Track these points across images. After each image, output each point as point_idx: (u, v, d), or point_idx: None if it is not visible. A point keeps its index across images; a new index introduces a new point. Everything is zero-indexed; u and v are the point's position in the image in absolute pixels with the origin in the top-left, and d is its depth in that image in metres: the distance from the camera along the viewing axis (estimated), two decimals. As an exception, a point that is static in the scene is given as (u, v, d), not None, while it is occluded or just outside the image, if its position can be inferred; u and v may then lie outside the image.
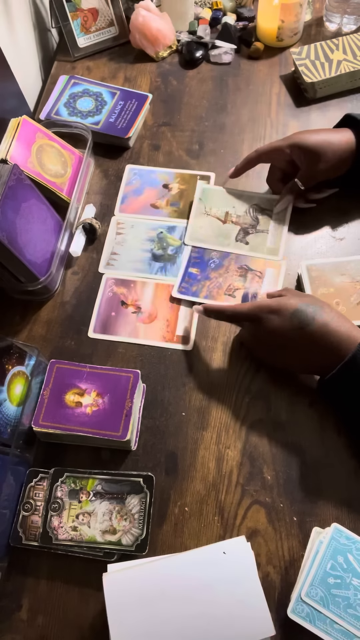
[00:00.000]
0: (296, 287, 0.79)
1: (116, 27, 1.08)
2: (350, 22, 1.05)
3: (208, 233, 0.84)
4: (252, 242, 0.83)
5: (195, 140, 0.96)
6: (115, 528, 0.60)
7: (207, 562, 0.54)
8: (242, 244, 0.83)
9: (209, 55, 1.06)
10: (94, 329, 0.78)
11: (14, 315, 0.80)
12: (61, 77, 1.02)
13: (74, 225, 0.84)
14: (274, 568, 0.61)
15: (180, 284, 0.80)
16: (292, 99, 1.00)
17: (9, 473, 0.61)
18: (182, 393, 0.72)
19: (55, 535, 0.60)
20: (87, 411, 0.66)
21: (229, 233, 0.84)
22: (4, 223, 0.67)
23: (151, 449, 0.68)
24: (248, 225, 0.85)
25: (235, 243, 0.83)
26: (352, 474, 0.65)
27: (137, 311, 0.79)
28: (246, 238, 0.83)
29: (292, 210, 0.85)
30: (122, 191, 0.91)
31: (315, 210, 0.85)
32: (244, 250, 0.82)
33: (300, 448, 0.67)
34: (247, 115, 0.98)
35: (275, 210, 0.76)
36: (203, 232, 0.85)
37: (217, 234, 0.84)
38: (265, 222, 0.85)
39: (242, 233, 0.84)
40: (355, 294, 0.73)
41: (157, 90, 1.03)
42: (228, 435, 0.69)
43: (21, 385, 0.66)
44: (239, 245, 0.83)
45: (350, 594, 0.55)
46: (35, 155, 0.82)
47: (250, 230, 0.84)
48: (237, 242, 0.83)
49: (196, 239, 0.84)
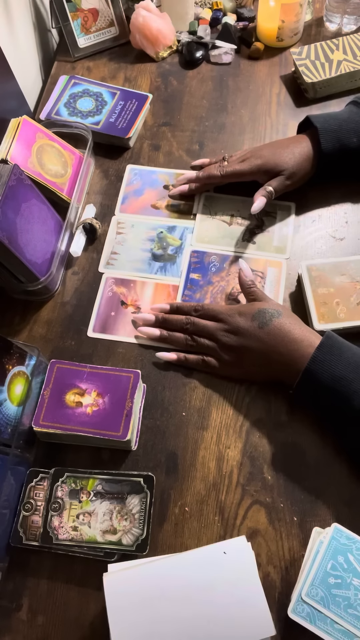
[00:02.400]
0: (296, 287, 0.79)
1: (116, 27, 1.08)
2: (350, 22, 1.05)
3: (215, 235, 0.85)
4: (259, 241, 0.83)
5: (196, 141, 0.96)
6: (115, 528, 0.60)
7: (207, 562, 0.54)
8: (249, 243, 0.83)
9: (209, 55, 1.06)
10: (93, 329, 0.78)
11: (14, 315, 0.80)
12: (61, 77, 1.02)
13: (74, 225, 0.84)
14: (275, 568, 0.61)
15: (183, 292, 0.80)
16: (292, 99, 1.00)
17: (9, 473, 0.61)
18: (182, 393, 0.72)
19: (56, 535, 0.60)
20: (88, 411, 0.66)
21: (235, 234, 0.84)
22: (4, 223, 0.67)
23: (151, 449, 0.68)
24: (254, 226, 0.85)
25: (242, 243, 0.83)
26: (352, 474, 0.65)
27: (136, 311, 0.79)
28: (253, 238, 0.84)
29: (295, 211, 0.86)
30: (123, 191, 0.91)
31: (315, 210, 0.86)
32: (251, 249, 0.83)
33: (300, 448, 0.67)
34: (248, 115, 0.98)
35: (252, 211, 0.79)
36: (209, 234, 0.85)
37: (223, 235, 0.84)
38: (271, 223, 0.85)
39: (249, 233, 0.84)
40: (355, 294, 0.73)
41: (157, 91, 1.03)
42: (228, 435, 0.69)
43: (21, 385, 0.66)
44: (245, 245, 0.83)
45: (350, 594, 0.55)
46: (35, 155, 0.82)
47: (257, 230, 0.84)
48: (244, 242, 0.83)
49: (202, 241, 0.84)
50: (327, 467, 0.66)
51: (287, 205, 0.86)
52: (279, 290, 0.79)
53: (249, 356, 0.68)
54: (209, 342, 0.71)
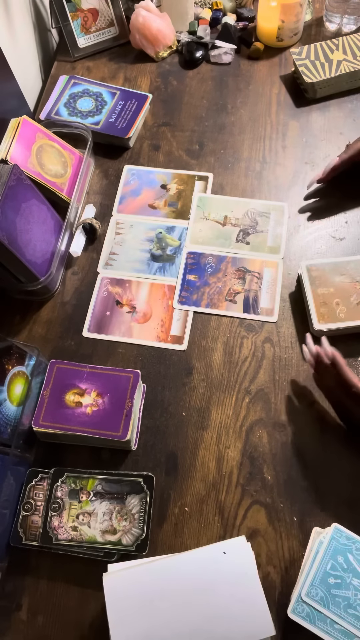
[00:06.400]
0: (296, 287, 0.79)
1: (116, 27, 1.08)
2: (350, 22, 1.05)
3: (208, 235, 0.84)
4: (253, 242, 0.83)
5: (196, 141, 0.96)
6: (115, 528, 0.60)
7: (207, 562, 0.54)
8: (243, 244, 0.83)
9: (209, 55, 1.06)
10: (88, 329, 0.78)
11: (14, 315, 0.80)
12: (61, 77, 1.02)
13: (74, 226, 0.84)
14: (274, 568, 0.61)
15: (180, 294, 0.80)
16: (292, 99, 1.00)
17: (9, 473, 0.61)
18: (182, 393, 0.72)
19: (56, 535, 0.60)
20: (87, 411, 0.66)
21: (229, 235, 0.84)
22: (4, 223, 0.67)
23: (151, 449, 0.68)
24: (247, 226, 0.85)
25: (236, 243, 0.83)
26: (352, 474, 0.65)
27: (131, 311, 0.79)
28: (247, 238, 0.83)
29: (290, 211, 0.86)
30: (120, 192, 0.91)
31: (315, 210, 0.86)
32: (245, 250, 0.83)
33: (300, 448, 0.67)
34: (247, 115, 0.98)
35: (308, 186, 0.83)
36: (203, 235, 0.85)
37: (217, 236, 0.84)
38: (264, 223, 0.85)
39: (242, 234, 0.84)
40: (355, 294, 0.73)
41: (157, 91, 1.03)
42: (228, 436, 0.69)
43: (21, 385, 0.66)
44: (239, 245, 0.83)
45: (350, 594, 0.55)
46: (35, 155, 0.82)
47: (250, 230, 0.84)
48: (237, 242, 0.83)
49: (196, 242, 0.84)
50: (327, 467, 0.66)
51: (280, 205, 0.87)
52: (275, 290, 0.79)
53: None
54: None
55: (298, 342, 0.75)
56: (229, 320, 0.77)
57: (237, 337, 0.76)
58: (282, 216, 0.85)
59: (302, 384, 0.71)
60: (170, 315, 0.78)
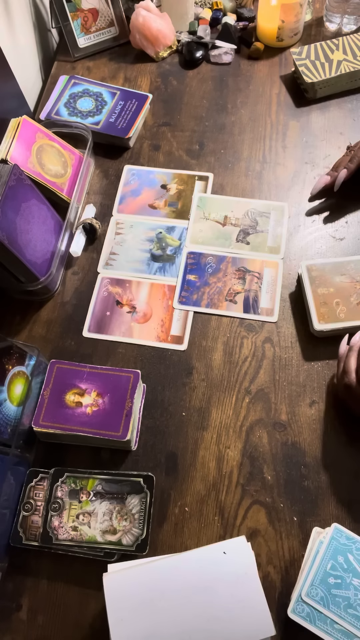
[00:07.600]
0: (296, 287, 0.79)
1: (116, 27, 1.08)
2: (350, 22, 1.05)
3: (208, 235, 0.84)
4: (253, 242, 0.83)
5: (196, 141, 0.96)
6: (115, 528, 0.60)
7: (207, 562, 0.54)
8: (243, 244, 0.83)
9: (209, 55, 1.06)
10: (88, 329, 0.78)
11: (14, 315, 0.80)
12: (61, 77, 1.02)
13: (74, 225, 0.84)
14: (274, 568, 0.61)
15: (180, 294, 0.80)
16: (292, 99, 1.00)
17: (9, 473, 0.61)
18: (182, 393, 0.72)
19: (56, 535, 0.60)
20: (87, 411, 0.66)
21: (230, 235, 0.84)
22: (4, 223, 0.67)
23: (151, 449, 0.68)
24: (247, 226, 0.85)
25: (236, 243, 0.83)
26: (352, 474, 0.65)
27: (132, 311, 0.79)
28: (247, 238, 0.83)
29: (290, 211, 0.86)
30: (120, 192, 0.91)
31: (315, 210, 0.86)
32: (246, 250, 0.83)
33: (300, 448, 0.67)
34: (247, 115, 0.98)
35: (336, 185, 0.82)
36: (203, 235, 0.85)
37: (217, 236, 0.84)
38: (265, 223, 0.85)
39: (243, 234, 0.84)
40: (355, 294, 0.73)
41: (157, 91, 1.03)
42: (228, 435, 0.69)
43: (21, 385, 0.66)
44: (240, 245, 0.83)
45: (350, 594, 0.55)
46: (35, 155, 0.82)
47: (250, 230, 0.84)
48: (237, 242, 0.83)
49: (197, 242, 0.84)
50: (327, 467, 0.66)
51: (280, 205, 0.87)
52: (275, 290, 0.79)
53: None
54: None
55: (298, 342, 0.75)
56: (229, 320, 0.77)
57: (237, 337, 0.76)
58: (282, 216, 0.85)
59: (302, 385, 0.71)
60: (170, 315, 0.78)
